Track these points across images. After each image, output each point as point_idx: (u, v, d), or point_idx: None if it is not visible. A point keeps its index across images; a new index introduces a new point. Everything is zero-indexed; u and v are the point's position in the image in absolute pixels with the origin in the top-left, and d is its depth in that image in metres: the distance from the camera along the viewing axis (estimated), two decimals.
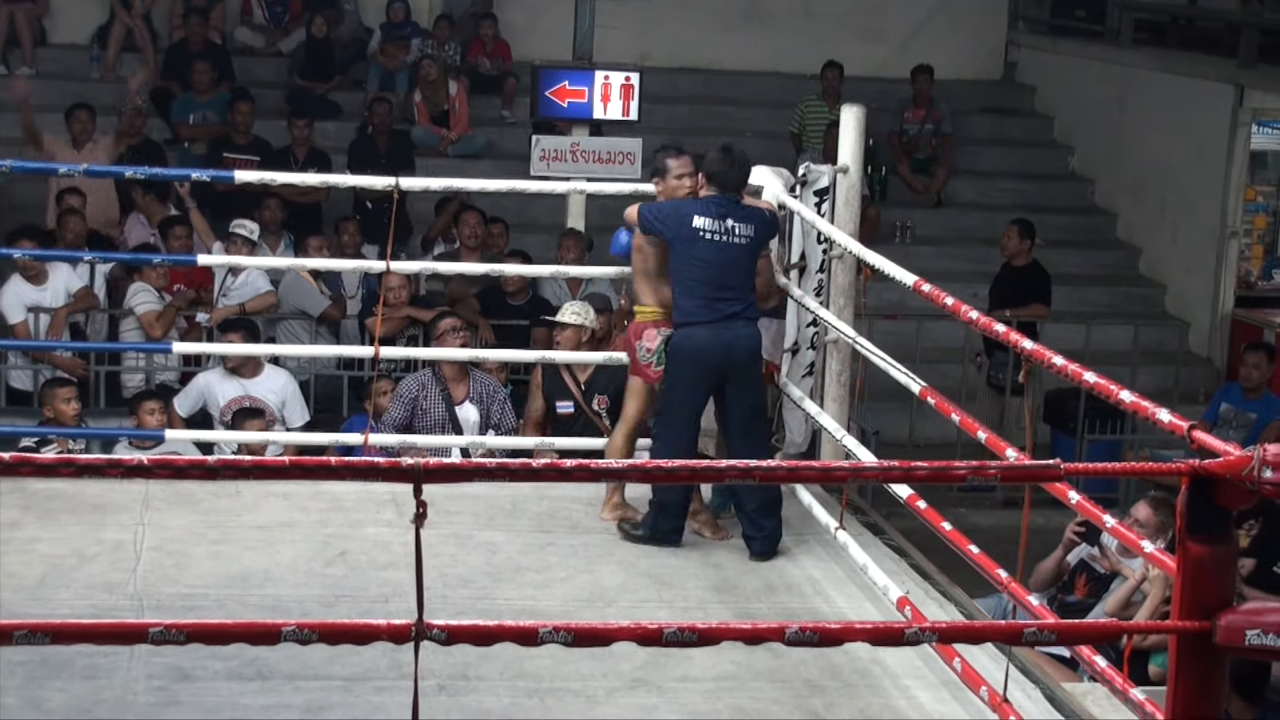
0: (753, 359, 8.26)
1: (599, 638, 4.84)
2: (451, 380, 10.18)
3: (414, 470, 4.48)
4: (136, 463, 4.56)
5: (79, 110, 13.61)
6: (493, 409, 10.26)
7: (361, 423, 10.17)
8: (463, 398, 10.19)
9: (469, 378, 10.25)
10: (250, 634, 4.63)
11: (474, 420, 10.15)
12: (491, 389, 10.32)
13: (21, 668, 6.54)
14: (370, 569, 7.83)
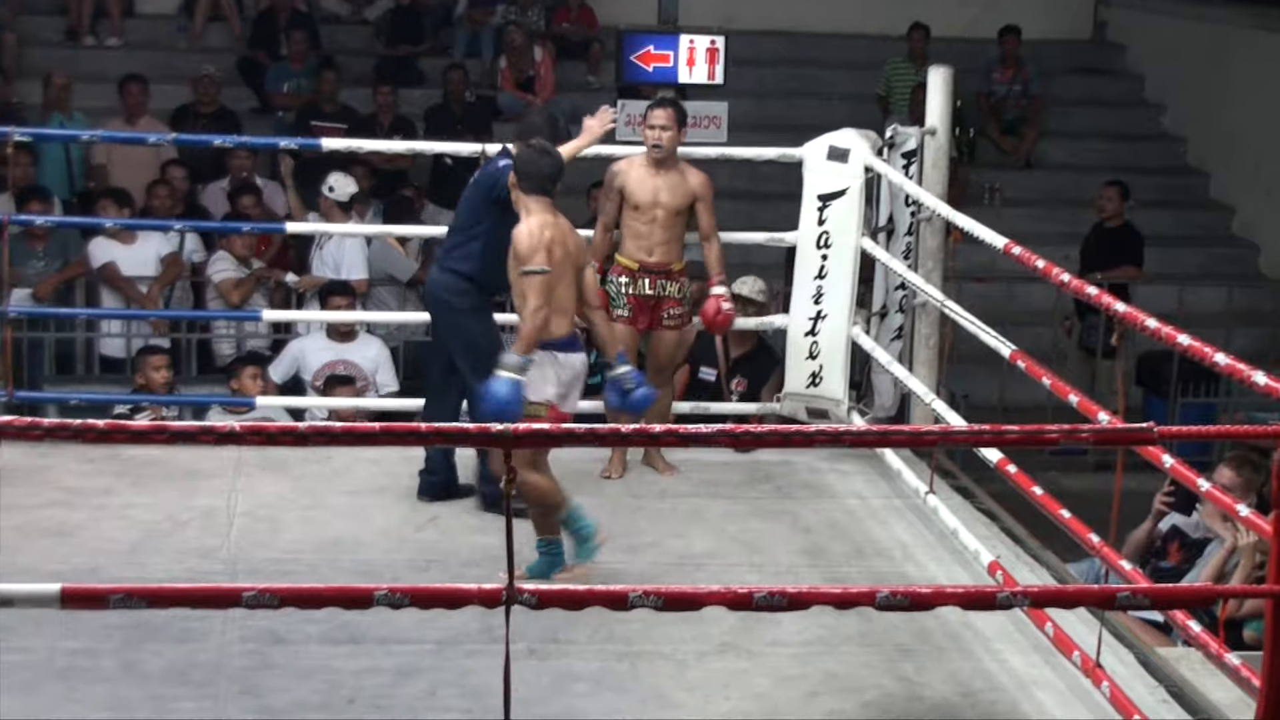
0: (435, 308, 8.11)
1: (688, 602, 4.85)
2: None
3: (504, 435, 4.49)
4: (229, 429, 4.59)
5: (130, 83, 13.67)
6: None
7: None
8: None
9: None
10: (343, 598, 4.66)
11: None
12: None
13: (118, 631, 6.60)
14: (461, 533, 7.87)
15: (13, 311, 9.91)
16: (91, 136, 10.60)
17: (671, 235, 8.66)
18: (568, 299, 7.31)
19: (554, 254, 7.21)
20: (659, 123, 8.61)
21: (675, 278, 8.71)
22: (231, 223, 11.91)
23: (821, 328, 9.03)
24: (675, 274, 8.71)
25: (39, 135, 11.99)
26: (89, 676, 6.40)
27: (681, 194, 8.63)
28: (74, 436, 4.46)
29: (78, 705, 6.19)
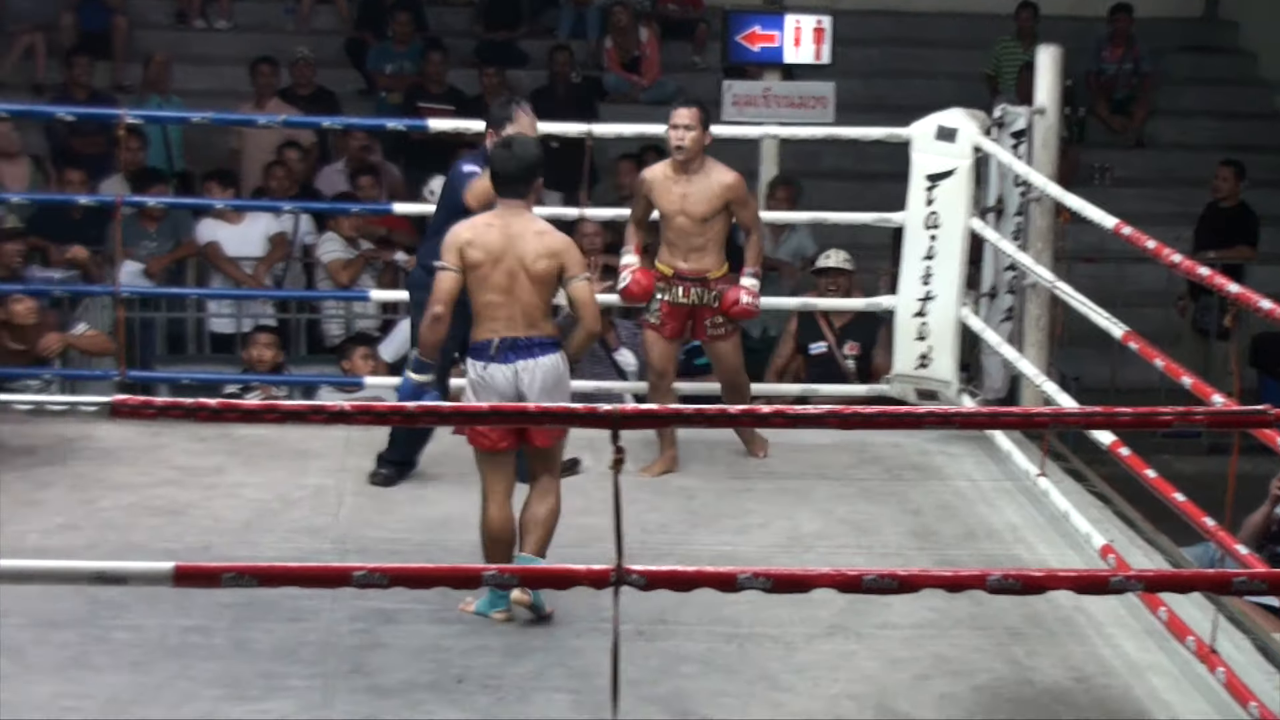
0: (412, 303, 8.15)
1: (798, 584, 4.83)
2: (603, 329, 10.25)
3: (611, 416, 4.48)
4: (339, 408, 4.61)
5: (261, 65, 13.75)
6: (639, 353, 10.28)
7: None
8: (617, 345, 10.25)
9: (614, 325, 10.29)
10: (452, 578, 4.67)
11: (633, 364, 10.18)
12: (635, 334, 10.35)
13: (229, 610, 6.65)
14: (568, 514, 7.83)
15: (125, 291, 9.99)
16: (201, 118, 10.64)
17: (705, 242, 8.36)
18: (502, 306, 6.71)
19: (468, 255, 6.71)
20: (681, 122, 8.28)
21: (713, 285, 8.39)
22: (339, 204, 11.95)
23: (930, 309, 8.98)
24: (713, 281, 8.39)
25: (149, 118, 12.07)
26: (201, 654, 6.45)
27: (708, 199, 8.28)
28: (186, 415, 4.49)
29: (190, 682, 6.23)
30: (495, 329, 6.72)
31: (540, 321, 6.75)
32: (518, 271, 6.70)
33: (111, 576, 4.89)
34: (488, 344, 6.72)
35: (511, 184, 6.80)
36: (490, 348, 6.71)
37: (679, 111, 8.30)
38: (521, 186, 6.80)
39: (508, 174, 6.80)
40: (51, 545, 7.31)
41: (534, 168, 6.82)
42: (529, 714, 6.09)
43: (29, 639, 6.49)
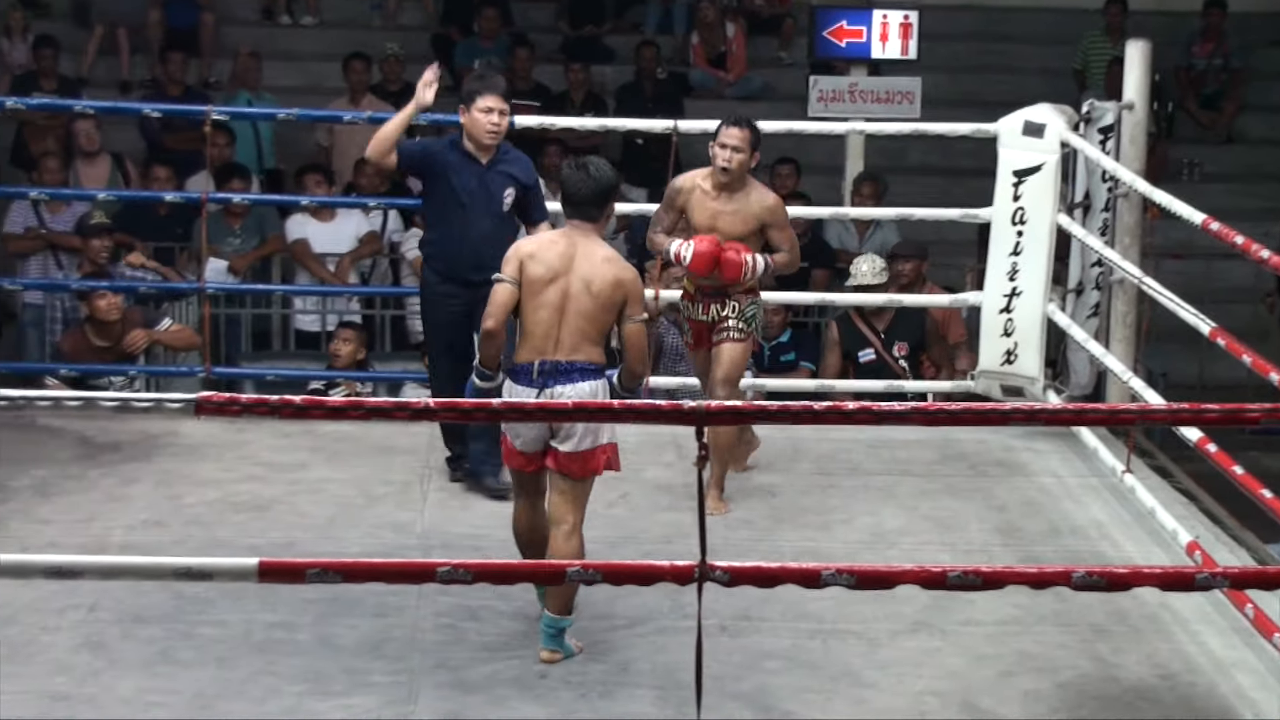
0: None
1: (882, 580, 4.82)
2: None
3: (696, 413, 4.48)
4: (423, 405, 4.63)
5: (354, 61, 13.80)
6: None
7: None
8: None
9: None
10: (536, 574, 4.68)
11: None
12: None
13: (314, 605, 6.68)
14: (652, 511, 7.87)
15: (210, 288, 10.06)
16: (288, 114, 10.69)
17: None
18: (543, 327, 6.42)
19: (528, 269, 6.44)
20: (731, 143, 7.83)
21: (729, 298, 7.94)
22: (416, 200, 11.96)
23: (1016, 305, 8.93)
24: (728, 295, 7.94)
25: (235, 114, 12.15)
26: (285, 649, 6.48)
27: (743, 219, 7.86)
28: (271, 412, 4.51)
29: (275, 677, 6.27)
30: (538, 350, 6.42)
31: (585, 346, 6.44)
32: (577, 292, 6.42)
33: (197, 572, 4.92)
34: (528, 368, 6.43)
35: (584, 207, 6.53)
36: (531, 372, 6.42)
37: (729, 131, 7.85)
38: (594, 210, 6.54)
39: (581, 197, 6.53)
40: (138, 541, 7.36)
41: (609, 192, 6.58)
42: (612, 710, 6.09)
43: (116, 634, 6.54)
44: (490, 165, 8.00)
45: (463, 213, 7.99)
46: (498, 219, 8.00)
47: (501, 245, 7.34)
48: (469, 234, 7.97)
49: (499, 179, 8.01)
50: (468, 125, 7.98)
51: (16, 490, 7.94)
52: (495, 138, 7.97)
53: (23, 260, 11.69)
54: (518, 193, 8.03)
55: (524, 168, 8.14)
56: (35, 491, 7.96)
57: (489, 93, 7.94)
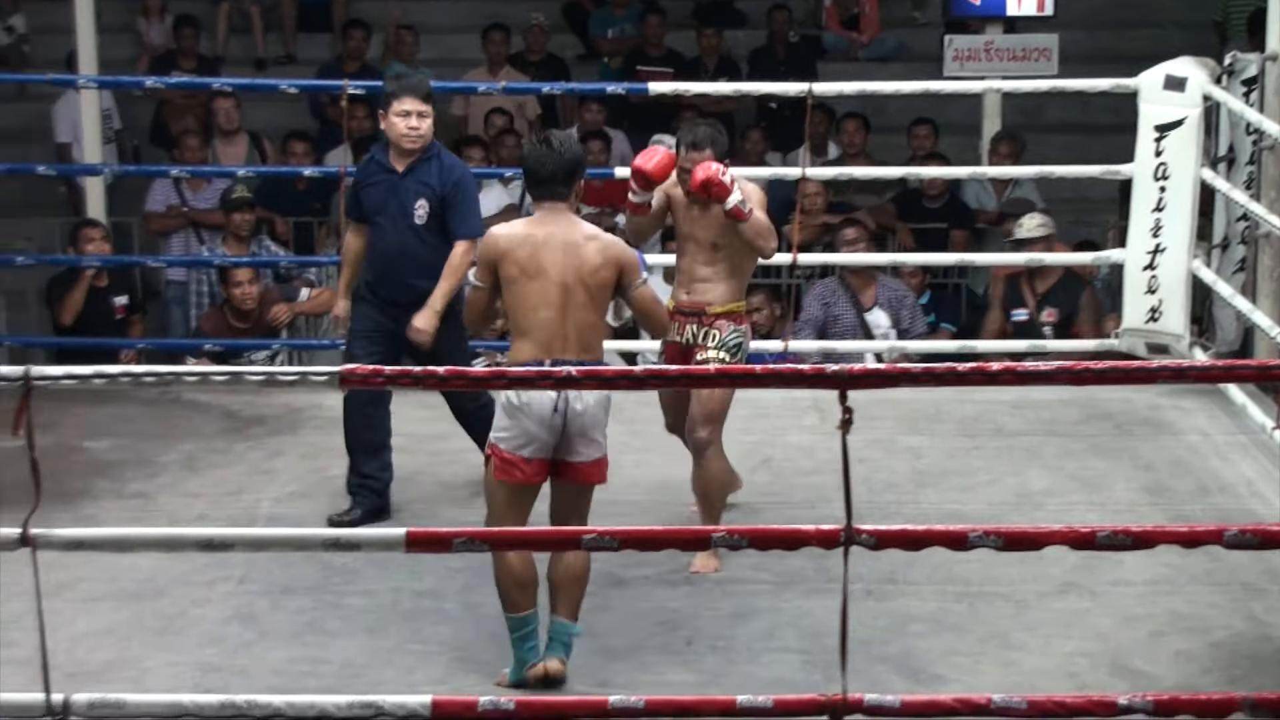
0: None
1: (1029, 541, 4.78)
2: (859, 286, 10.16)
3: (840, 376, 4.46)
4: (565, 374, 4.63)
5: (493, 32, 13.82)
6: (902, 314, 10.19)
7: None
8: (871, 303, 10.17)
9: (876, 283, 10.21)
10: (680, 540, 4.68)
11: (884, 325, 10.11)
12: (900, 294, 10.26)
13: (460, 574, 6.71)
14: (795, 475, 7.86)
15: None
16: None
17: (714, 273, 7.14)
18: (547, 329, 5.97)
19: (505, 270, 6.00)
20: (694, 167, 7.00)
21: (706, 321, 7.14)
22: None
23: (1160, 261, 8.83)
24: (707, 318, 7.14)
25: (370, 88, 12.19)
26: (433, 618, 6.52)
27: (718, 222, 7.05)
28: (414, 383, 4.53)
29: (422, 646, 6.31)
30: (545, 349, 5.96)
31: (593, 341, 6.06)
32: (573, 285, 5.97)
33: (345, 543, 4.96)
34: (535, 365, 5.92)
35: (550, 185, 6.06)
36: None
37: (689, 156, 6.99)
38: (562, 188, 6.06)
39: (547, 174, 6.06)
40: (285, 513, 7.44)
41: (576, 166, 6.09)
42: (759, 675, 6.08)
43: (265, 605, 6.61)
44: (405, 174, 7.42)
45: (374, 225, 7.47)
46: (411, 233, 7.40)
47: (417, 262, 7.33)
48: (378, 249, 7.45)
49: (411, 189, 7.40)
50: (387, 130, 7.44)
51: (165, 465, 8.03)
52: (415, 142, 7.38)
53: (165, 239, 11.82)
54: (434, 204, 7.38)
55: (444, 175, 7.42)
56: (183, 466, 8.05)
57: (406, 95, 7.38)
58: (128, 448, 8.23)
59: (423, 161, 7.43)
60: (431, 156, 7.45)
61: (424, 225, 7.39)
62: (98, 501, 7.60)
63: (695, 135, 7.07)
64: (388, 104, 7.39)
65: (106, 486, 7.79)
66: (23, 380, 4.40)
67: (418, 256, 7.34)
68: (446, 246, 7.38)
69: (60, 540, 4.76)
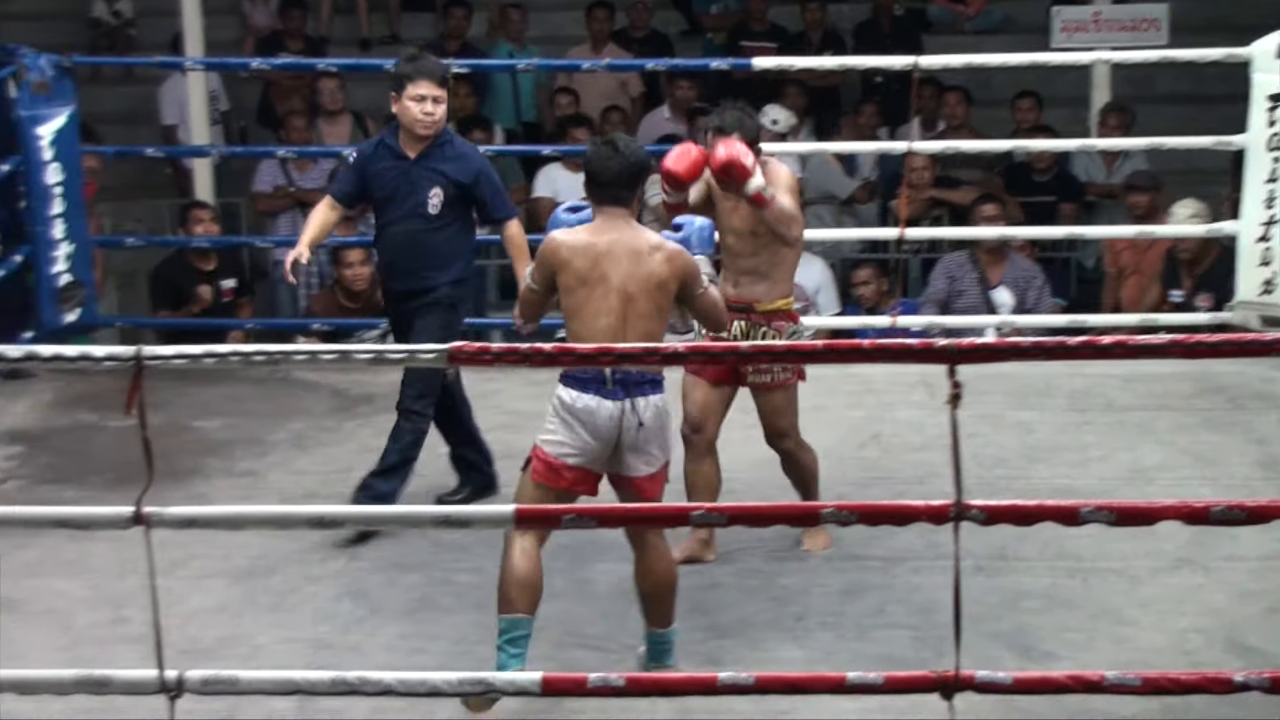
0: None
1: (1142, 517, 4.73)
2: (988, 263, 10.12)
3: (948, 351, 4.43)
4: (672, 350, 4.62)
5: (597, 9, 13.81)
6: (1029, 293, 10.14)
7: (907, 306, 10.23)
8: (997, 281, 10.12)
9: (1005, 261, 10.17)
10: (789, 516, 4.66)
11: (1008, 304, 10.06)
12: (1028, 274, 10.22)
13: (568, 550, 6.72)
14: (903, 451, 7.82)
15: None
16: (526, 65, 10.72)
17: (758, 265, 6.81)
18: (605, 336, 5.72)
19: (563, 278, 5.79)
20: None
21: (760, 320, 6.82)
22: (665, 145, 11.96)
23: (1274, 234, 8.72)
24: (759, 316, 6.82)
25: (475, 66, 12.22)
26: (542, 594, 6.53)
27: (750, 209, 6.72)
28: (522, 360, 4.53)
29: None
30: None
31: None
32: (636, 295, 5.75)
33: (456, 520, 4.97)
34: (598, 373, 5.71)
35: (612, 189, 5.81)
36: (604, 379, 5.71)
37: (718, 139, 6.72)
38: (624, 192, 5.83)
39: (610, 177, 5.81)
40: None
41: (640, 171, 5.85)
42: (870, 651, 6.07)
43: (377, 582, 6.64)
44: (418, 161, 7.13)
45: (382, 213, 7.22)
46: (423, 221, 7.12)
47: (428, 253, 7.09)
48: (386, 237, 7.21)
49: (425, 176, 7.11)
50: (399, 115, 7.11)
51: (275, 443, 8.09)
52: (429, 129, 7.07)
53: (272, 219, 11.89)
54: (449, 192, 7.10)
55: (462, 164, 7.16)
56: (293, 444, 8.11)
57: (422, 78, 7.05)
58: (238, 426, 8.30)
59: (435, 148, 7.13)
60: (444, 142, 7.17)
61: (437, 215, 7.12)
62: (209, 480, 7.66)
63: (723, 119, 6.76)
64: (401, 87, 7.06)
65: (217, 465, 7.86)
66: (134, 360, 4.43)
67: (429, 246, 7.12)
68: (459, 238, 7.19)
69: (173, 518, 4.80)
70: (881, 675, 4.57)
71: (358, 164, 7.24)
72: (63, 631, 6.40)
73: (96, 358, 4.63)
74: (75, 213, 8.79)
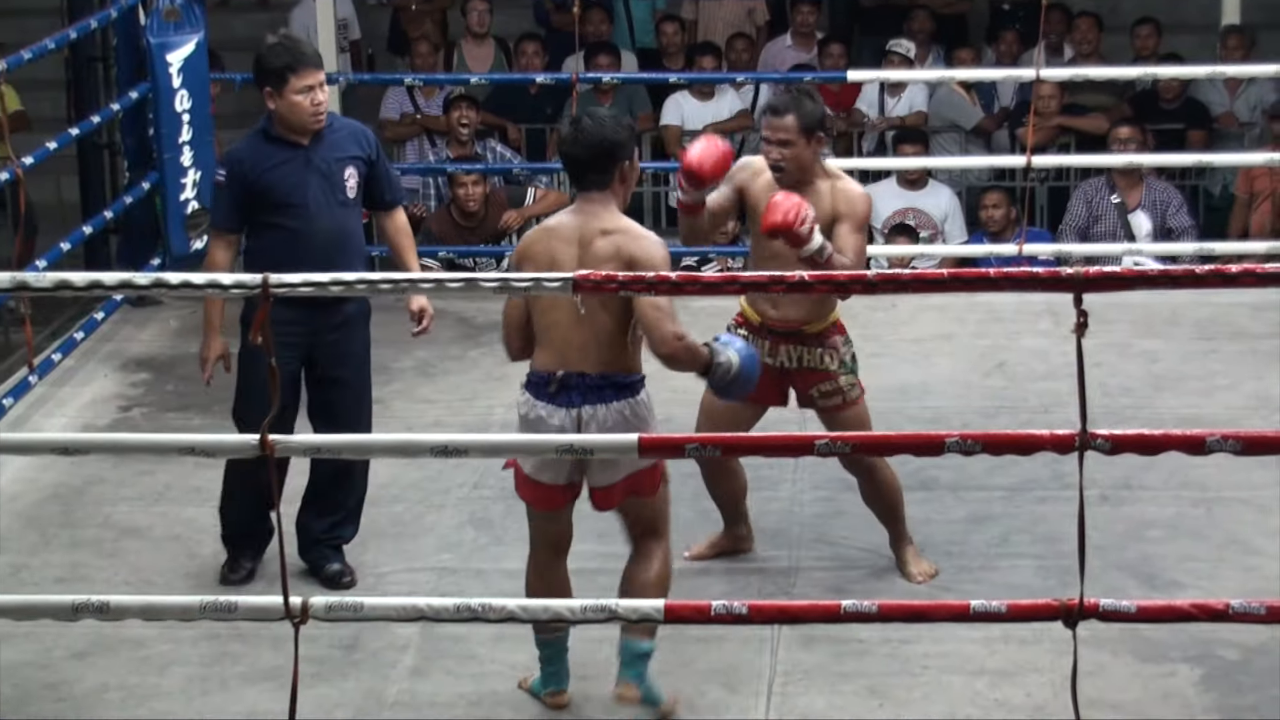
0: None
1: (1270, 445, 4.69)
2: (1125, 187, 10.04)
3: (1074, 279, 4.39)
4: (797, 279, 4.60)
5: None
6: (1168, 217, 10.06)
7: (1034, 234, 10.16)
8: (1135, 205, 10.04)
9: (1142, 185, 10.09)
10: (915, 445, 4.64)
11: (1146, 228, 9.99)
12: (1166, 197, 10.14)
13: (692, 479, 6.72)
14: (1028, 380, 7.78)
15: None
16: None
17: None
18: (560, 330, 5.25)
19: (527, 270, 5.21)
20: (777, 136, 5.98)
21: (813, 342, 6.15)
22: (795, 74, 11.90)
23: None
24: (811, 337, 6.14)
25: None
26: None
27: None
28: (648, 288, 4.53)
29: None
30: (559, 355, 5.26)
31: (618, 354, 5.27)
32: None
33: (580, 448, 4.99)
34: (547, 378, 5.27)
35: (583, 171, 5.28)
36: (549, 383, 5.26)
37: (771, 122, 6.00)
38: (597, 175, 5.26)
39: (577, 159, 5.28)
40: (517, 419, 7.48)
41: (611, 148, 5.25)
42: (994, 581, 6.06)
43: (500, 510, 6.68)
44: (315, 145, 6.27)
45: (296, 215, 6.24)
46: (343, 210, 6.31)
47: (356, 243, 6.34)
48: (303, 241, 6.18)
49: (333, 159, 6.29)
50: (283, 112, 6.21)
51: (399, 371, 8.13)
52: (321, 121, 6.25)
53: (399, 146, 11.92)
54: (360, 172, 6.34)
55: (361, 140, 6.39)
56: (418, 372, 8.15)
57: (305, 67, 6.19)
58: None
59: (325, 127, 6.30)
60: (329, 121, 6.33)
61: (353, 199, 6.34)
62: None
63: (778, 100, 6.00)
64: (283, 80, 6.16)
65: None
66: (261, 288, 4.47)
67: (355, 236, 6.35)
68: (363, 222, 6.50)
69: (298, 446, 4.85)
70: (1004, 604, 4.55)
71: (236, 178, 6.26)
72: (189, 558, 6.49)
73: (224, 285, 4.67)
74: (203, 140, 8.84)
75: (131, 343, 8.64)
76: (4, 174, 7.57)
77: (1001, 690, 5.49)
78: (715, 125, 11.57)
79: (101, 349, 8.54)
